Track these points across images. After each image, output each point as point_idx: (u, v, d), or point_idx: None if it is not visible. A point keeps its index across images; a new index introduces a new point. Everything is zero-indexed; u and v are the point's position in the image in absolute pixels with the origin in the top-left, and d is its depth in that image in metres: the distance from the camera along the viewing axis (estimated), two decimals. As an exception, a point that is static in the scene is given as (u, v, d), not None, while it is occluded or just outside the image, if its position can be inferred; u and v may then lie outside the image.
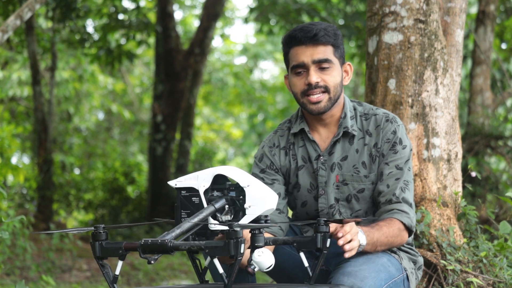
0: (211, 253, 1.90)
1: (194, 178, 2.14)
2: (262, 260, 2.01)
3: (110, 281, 1.99)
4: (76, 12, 9.01)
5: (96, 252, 2.00)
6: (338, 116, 2.58)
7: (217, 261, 1.95)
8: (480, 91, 7.00)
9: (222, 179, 2.12)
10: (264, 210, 2.07)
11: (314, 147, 2.59)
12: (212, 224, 2.09)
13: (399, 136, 2.53)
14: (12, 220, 3.91)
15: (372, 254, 2.41)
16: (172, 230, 1.96)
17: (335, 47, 2.52)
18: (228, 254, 1.86)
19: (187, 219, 2.03)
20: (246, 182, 2.08)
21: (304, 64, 2.49)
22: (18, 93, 12.20)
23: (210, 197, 2.12)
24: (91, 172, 12.87)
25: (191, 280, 5.86)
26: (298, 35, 2.50)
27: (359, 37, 9.38)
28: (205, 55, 10.88)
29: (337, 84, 2.52)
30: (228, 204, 2.10)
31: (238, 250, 1.86)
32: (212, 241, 1.91)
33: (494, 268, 2.94)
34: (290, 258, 2.56)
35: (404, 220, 2.45)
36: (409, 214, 2.47)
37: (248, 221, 2.07)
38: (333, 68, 2.51)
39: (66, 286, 5.24)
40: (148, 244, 1.91)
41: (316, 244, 2.15)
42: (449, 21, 3.37)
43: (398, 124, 2.55)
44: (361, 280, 2.25)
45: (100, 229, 2.00)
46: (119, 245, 1.98)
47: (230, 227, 1.86)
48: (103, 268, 2.01)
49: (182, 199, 2.14)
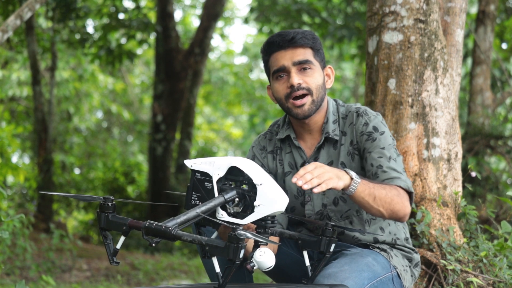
0: (210, 251, 1.90)
1: (210, 163, 2.13)
2: (263, 260, 2.01)
3: (110, 254, 2.01)
4: (76, 12, 9.01)
5: (101, 223, 2.01)
6: (321, 122, 2.58)
7: (215, 260, 1.95)
8: (480, 91, 7.00)
9: (237, 170, 2.12)
10: (272, 211, 2.07)
11: (300, 154, 2.59)
12: (221, 216, 2.10)
13: (373, 125, 2.50)
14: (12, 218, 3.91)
15: (357, 254, 2.40)
16: (178, 216, 1.97)
17: (314, 50, 2.52)
18: (227, 257, 1.87)
19: (195, 207, 2.02)
20: (260, 180, 2.08)
21: (285, 67, 2.49)
22: (18, 93, 12.20)
23: (222, 186, 2.12)
24: (91, 172, 12.87)
25: (191, 280, 5.86)
26: (276, 40, 2.50)
27: (360, 38, 9.38)
28: (205, 55, 10.88)
29: (319, 86, 2.51)
30: (238, 197, 2.10)
31: (237, 255, 1.86)
32: (214, 240, 1.91)
33: (494, 268, 2.94)
34: (288, 257, 2.57)
35: (401, 184, 2.39)
36: (401, 177, 2.41)
37: (255, 219, 2.08)
38: (314, 70, 2.50)
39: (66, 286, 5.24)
40: (152, 227, 1.92)
41: (320, 247, 2.19)
42: (449, 21, 3.37)
43: (369, 116, 2.52)
44: (341, 281, 2.24)
45: (108, 201, 2.01)
46: (125, 221, 1.99)
47: (234, 231, 1.86)
48: (106, 239, 2.03)
49: (195, 181, 2.15)
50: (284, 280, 2.62)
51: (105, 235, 2.03)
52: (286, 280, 2.60)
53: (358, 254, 2.40)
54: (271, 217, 2.12)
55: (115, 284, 5.53)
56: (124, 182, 11.58)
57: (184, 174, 10.65)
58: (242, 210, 2.10)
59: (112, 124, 15.89)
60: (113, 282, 5.63)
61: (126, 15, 9.88)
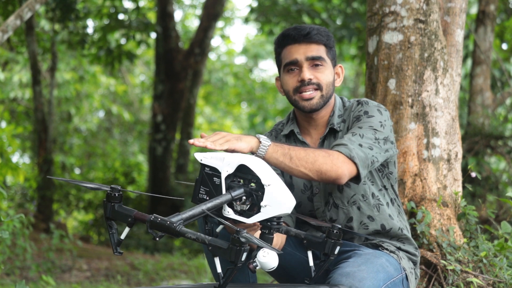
0: (213, 251, 1.90)
1: (220, 159, 2.13)
2: (266, 261, 2.01)
3: (114, 243, 2.01)
4: (76, 13, 9.01)
5: (107, 212, 2.01)
6: (327, 117, 2.60)
7: (217, 260, 1.95)
8: (480, 91, 7.00)
9: (246, 168, 2.11)
10: (279, 213, 2.07)
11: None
12: (227, 213, 2.09)
13: (366, 110, 2.51)
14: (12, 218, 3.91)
15: (370, 254, 2.40)
16: (183, 212, 1.97)
17: (327, 47, 2.54)
18: (229, 259, 1.87)
19: (201, 204, 2.02)
20: (268, 180, 2.08)
21: (297, 61, 2.51)
22: (20, 95, 12.20)
23: (230, 182, 2.11)
24: (91, 172, 12.87)
25: (191, 280, 5.86)
26: (292, 33, 2.53)
27: (360, 38, 9.38)
28: (205, 55, 10.89)
29: (329, 83, 2.54)
30: (246, 195, 2.10)
31: (239, 258, 1.86)
32: (217, 240, 1.91)
33: (494, 268, 2.94)
34: (292, 258, 2.56)
35: (339, 149, 2.35)
36: (349, 145, 2.36)
37: (261, 219, 2.08)
38: (325, 66, 2.53)
39: (66, 286, 5.24)
40: (156, 222, 1.92)
41: (325, 249, 2.19)
42: (449, 21, 3.37)
43: (368, 104, 2.53)
44: (359, 280, 2.25)
45: (115, 191, 2.01)
46: (130, 212, 1.99)
47: (238, 233, 1.86)
48: (110, 229, 2.03)
49: (204, 175, 2.14)
50: (287, 281, 2.61)
51: (110, 225, 2.03)
52: (290, 280, 2.59)
53: (371, 254, 2.41)
54: (277, 218, 2.12)
55: (115, 284, 5.53)
56: (124, 182, 11.58)
57: (184, 174, 10.65)
58: (249, 208, 2.10)
59: (113, 125, 15.89)
60: (113, 282, 5.63)
61: (126, 15, 9.88)
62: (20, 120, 13.28)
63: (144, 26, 9.80)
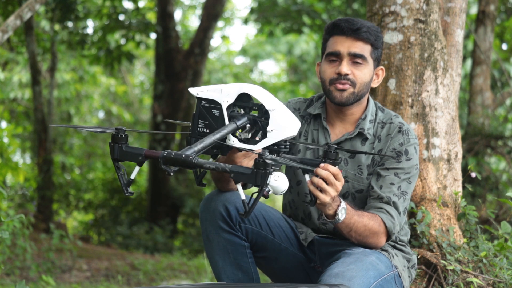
0: (235, 178, 1.87)
1: (218, 91, 2.11)
2: (278, 184, 1.98)
3: (124, 184, 1.98)
4: (76, 13, 9.01)
5: (114, 153, 1.99)
6: (357, 116, 2.60)
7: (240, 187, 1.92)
8: (480, 91, 7.00)
9: (246, 97, 2.09)
10: (285, 136, 2.06)
11: (325, 135, 2.61)
12: (232, 142, 2.07)
13: (406, 148, 2.52)
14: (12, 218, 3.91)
15: (360, 253, 2.40)
16: (194, 145, 1.93)
17: (374, 47, 2.54)
18: (254, 183, 1.84)
19: (209, 134, 2.00)
20: (272, 105, 2.06)
21: (340, 53, 2.51)
22: (19, 95, 12.20)
23: (231, 113, 2.10)
24: (91, 172, 12.87)
25: (191, 280, 5.86)
26: (342, 25, 2.52)
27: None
28: (205, 55, 10.88)
29: (365, 82, 2.53)
30: (249, 123, 2.08)
31: (265, 181, 1.83)
32: (239, 167, 1.88)
33: (494, 268, 2.94)
34: (294, 258, 2.56)
35: (387, 223, 2.44)
36: (395, 220, 2.45)
37: (268, 144, 2.06)
38: (365, 66, 2.52)
39: (66, 286, 5.24)
40: (171, 156, 1.88)
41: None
42: (449, 21, 3.37)
43: (408, 138, 2.54)
44: (349, 279, 2.25)
45: (121, 132, 1.97)
46: (140, 151, 1.96)
47: (261, 157, 1.83)
48: (118, 170, 2.00)
49: (201, 109, 2.12)
50: (285, 282, 2.61)
51: (118, 166, 2.00)
52: (288, 281, 2.59)
53: (361, 253, 2.41)
54: (284, 142, 2.10)
55: (115, 284, 5.52)
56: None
57: (184, 174, 10.64)
58: (252, 135, 2.08)
59: (113, 125, 15.88)
60: (113, 282, 5.62)
61: (125, 15, 9.88)
62: (20, 120, 13.28)
63: (144, 27, 9.79)
